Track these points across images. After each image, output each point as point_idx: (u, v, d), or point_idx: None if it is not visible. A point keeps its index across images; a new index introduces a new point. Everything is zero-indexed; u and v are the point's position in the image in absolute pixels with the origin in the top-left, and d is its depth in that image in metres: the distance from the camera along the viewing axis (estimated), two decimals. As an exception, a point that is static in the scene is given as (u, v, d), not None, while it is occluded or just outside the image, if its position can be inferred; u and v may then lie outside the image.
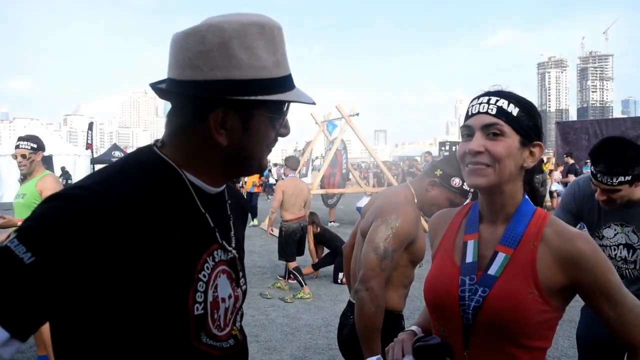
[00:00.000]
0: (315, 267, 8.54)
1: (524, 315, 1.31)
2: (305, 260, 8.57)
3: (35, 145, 4.43)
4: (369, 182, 27.01)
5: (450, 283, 1.43)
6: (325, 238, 8.61)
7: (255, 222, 14.69)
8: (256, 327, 5.95)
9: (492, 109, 1.37)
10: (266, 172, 31.97)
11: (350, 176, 16.16)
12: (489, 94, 1.42)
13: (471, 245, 1.45)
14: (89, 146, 25.57)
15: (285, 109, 1.11)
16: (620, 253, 2.67)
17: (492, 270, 1.37)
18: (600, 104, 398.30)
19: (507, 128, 1.35)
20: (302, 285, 7.34)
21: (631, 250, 2.65)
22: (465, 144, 1.40)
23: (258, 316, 6.41)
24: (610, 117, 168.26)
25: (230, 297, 1.14)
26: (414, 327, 1.63)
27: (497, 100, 1.38)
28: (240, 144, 1.06)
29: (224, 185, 1.19)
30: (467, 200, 2.30)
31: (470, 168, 1.38)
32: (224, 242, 1.12)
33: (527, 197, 1.46)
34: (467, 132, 1.41)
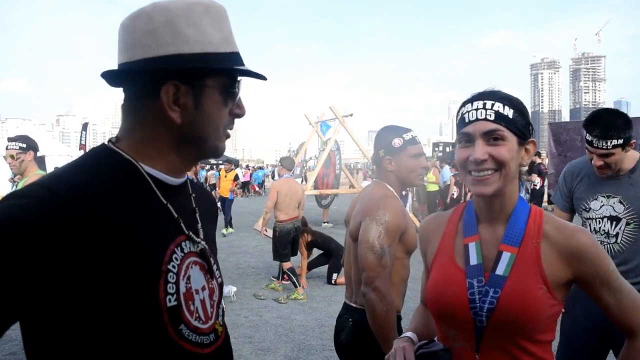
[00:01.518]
0: (309, 267, 8.53)
1: (537, 312, 1.33)
2: (299, 261, 8.55)
3: (24, 145, 4.37)
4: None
5: (458, 287, 1.42)
6: (318, 243, 8.53)
7: (231, 230, 13.76)
8: (250, 328, 5.94)
9: (490, 115, 1.36)
10: (263, 173, 31.88)
11: (343, 177, 16.15)
12: (482, 97, 1.41)
13: (473, 247, 1.45)
14: (83, 147, 25.44)
15: (236, 85, 1.11)
16: (604, 226, 2.84)
17: (499, 270, 1.38)
18: (592, 105, 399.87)
19: (507, 132, 1.36)
20: (296, 286, 7.33)
21: (614, 222, 2.81)
22: (465, 150, 1.40)
23: (252, 317, 6.40)
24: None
25: (204, 288, 1.12)
26: (409, 334, 1.61)
27: (492, 105, 1.37)
28: (193, 122, 1.06)
29: (185, 177, 1.18)
30: (412, 134, 2.47)
31: (474, 177, 1.38)
32: (190, 233, 1.11)
33: (521, 196, 1.48)
34: (467, 138, 1.40)
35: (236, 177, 8.72)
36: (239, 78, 1.11)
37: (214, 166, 31.13)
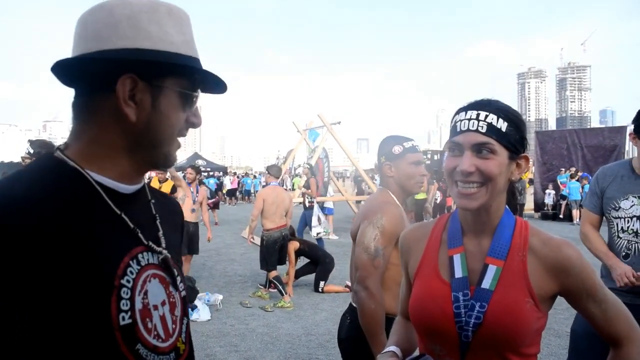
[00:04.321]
0: (296, 276, 8.49)
1: (524, 326, 1.32)
2: (287, 268, 8.52)
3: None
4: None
5: (443, 301, 1.39)
6: (305, 251, 8.48)
7: None
8: (236, 337, 5.89)
9: (482, 127, 1.33)
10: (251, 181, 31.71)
11: (331, 186, 16.13)
12: (477, 106, 1.38)
13: (458, 260, 1.42)
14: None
15: (196, 91, 1.06)
16: (633, 226, 2.89)
17: (485, 284, 1.36)
18: (578, 113, 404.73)
19: (497, 146, 1.33)
20: (282, 294, 7.30)
21: None
22: (453, 160, 1.37)
23: (238, 325, 6.34)
24: (589, 126, 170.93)
25: (164, 303, 1.04)
26: (393, 348, 1.57)
27: (486, 116, 1.34)
28: (148, 122, 1.00)
29: (142, 183, 1.10)
30: (413, 143, 2.60)
31: (460, 190, 1.36)
32: (150, 243, 1.03)
33: (507, 207, 1.46)
34: (455, 149, 1.38)
35: (173, 190, 7.47)
36: (197, 87, 1.07)
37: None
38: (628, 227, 2.90)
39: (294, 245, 8.24)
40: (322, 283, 8.09)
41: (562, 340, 5.67)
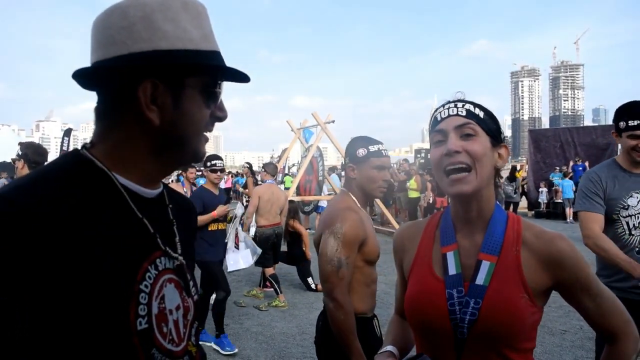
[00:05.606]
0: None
1: (519, 320, 1.32)
2: (286, 268, 8.50)
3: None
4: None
5: (437, 298, 1.39)
6: (290, 239, 8.45)
7: None
8: (230, 336, 5.85)
9: (462, 111, 1.39)
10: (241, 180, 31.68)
11: (326, 186, 16.11)
12: (454, 100, 1.44)
13: (452, 257, 1.43)
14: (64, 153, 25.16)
15: (218, 85, 1.05)
16: None
17: (479, 280, 1.36)
18: (571, 112, 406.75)
19: (478, 128, 1.38)
20: (277, 293, 7.29)
21: None
22: (438, 149, 1.39)
23: (232, 325, 6.34)
24: (582, 125, 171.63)
25: (178, 307, 1.05)
26: (390, 347, 1.57)
27: (463, 105, 1.41)
28: (172, 123, 0.99)
29: (162, 188, 1.11)
30: (380, 147, 2.52)
31: (451, 177, 1.36)
32: (167, 249, 1.04)
33: (498, 202, 1.47)
34: (440, 137, 1.40)
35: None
36: (219, 82, 1.06)
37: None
38: (639, 223, 2.98)
39: (292, 223, 8.40)
40: (310, 279, 8.09)
41: (556, 339, 5.70)
